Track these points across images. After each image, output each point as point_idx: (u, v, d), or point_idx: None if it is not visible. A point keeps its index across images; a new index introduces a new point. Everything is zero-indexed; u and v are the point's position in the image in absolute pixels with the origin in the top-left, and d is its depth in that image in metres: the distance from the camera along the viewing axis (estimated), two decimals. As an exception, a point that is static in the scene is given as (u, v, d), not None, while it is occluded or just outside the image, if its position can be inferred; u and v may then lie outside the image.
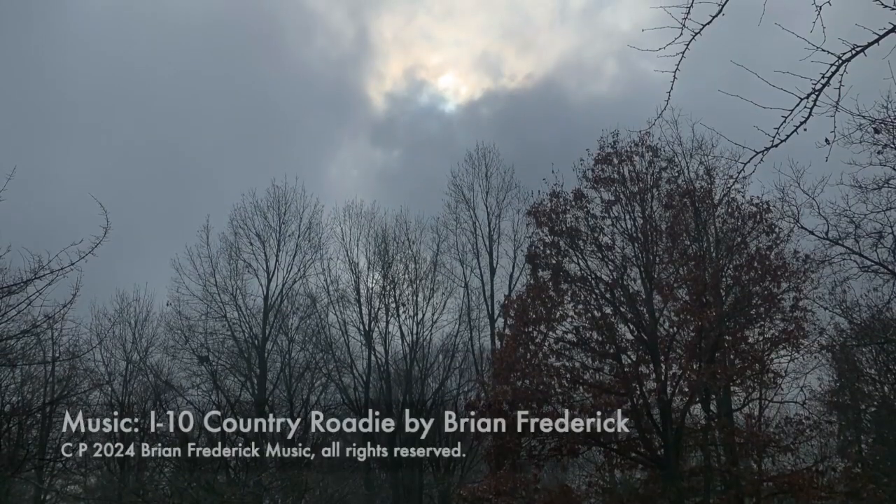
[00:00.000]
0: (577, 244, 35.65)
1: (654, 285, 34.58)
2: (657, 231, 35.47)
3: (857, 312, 35.20)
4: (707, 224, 36.45)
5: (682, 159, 37.98)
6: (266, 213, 52.52)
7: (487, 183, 53.86)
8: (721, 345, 34.17)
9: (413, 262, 52.68)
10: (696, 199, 36.07)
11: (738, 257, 35.68)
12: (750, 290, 34.89)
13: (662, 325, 34.79)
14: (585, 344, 34.63)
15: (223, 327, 50.17)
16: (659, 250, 35.30)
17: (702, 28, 11.77)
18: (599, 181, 36.28)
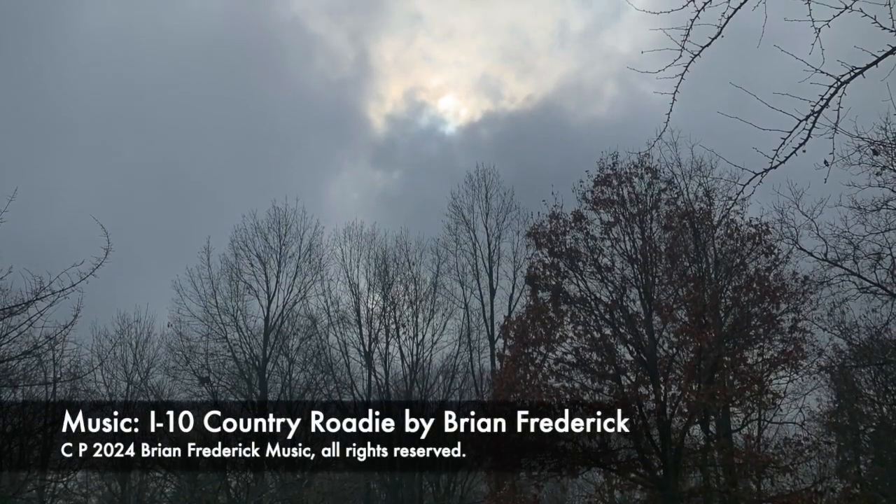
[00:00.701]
0: (576, 265, 35.63)
1: (653, 306, 34.53)
2: (656, 252, 35.46)
3: (855, 333, 35.23)
4: (706, 245, 36.46)
5: (682, 181, 38.09)
6: (267, 235, 52.57)
7: (487, 204, 53.95)
8: (720, 366, 34.11)
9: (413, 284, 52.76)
10: (696, 220, 36.08)
11: (737, 278, 35.68)
12: (749, 311, 34.86)
13: (662, 346, 34.74)
14: (585, 365, 34.56)
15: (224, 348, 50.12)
16: (658, 271, 35.28)
17: (701, 50, 11.78)
18: (599, 203, 36.29)
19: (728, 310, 35.37)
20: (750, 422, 36.20)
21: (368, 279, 52.77)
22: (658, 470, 33.48)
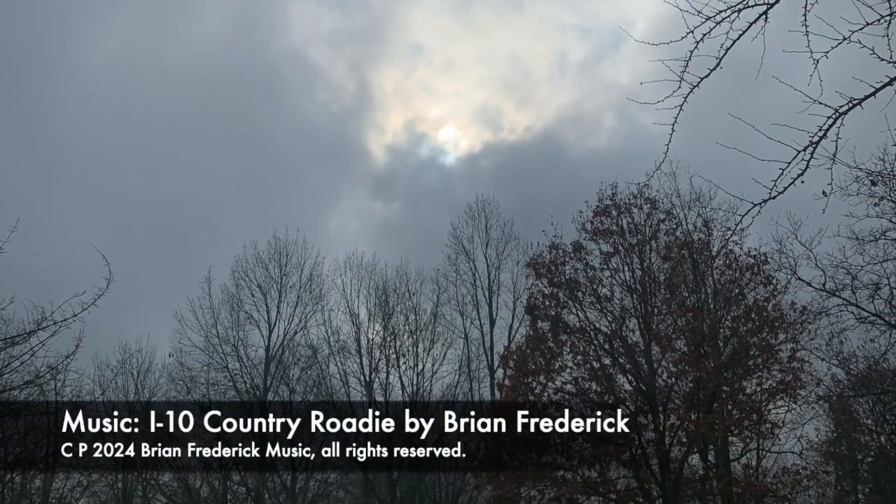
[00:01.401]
0: (576, 295, 35.64)
1: (652, 336, 34.51)
2: (655, 282, 35.48)
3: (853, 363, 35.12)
4: (705, 275, 36.46)
5: (681, 211, 38.11)
6: (267, 265, 52.50)
7: (487, 235, 53.90)
8: (719, 395, 34.07)
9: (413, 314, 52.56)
10: (695, 250, 36.11)
11: (735, 308, 35.69)
12: (748, 341, 34.85)
13: (661, 376, 34.70)
14: (584, 394, 34.52)
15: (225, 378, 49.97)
16: (657, 302, 35.28)
17: (700, 81, 11.77)
18: (598, 233, 36.33)
19: (727, 340, 35.35)
20: (749, 451, 36.09)
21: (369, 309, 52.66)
22: (657, 499, 33.40)
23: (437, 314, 52.71)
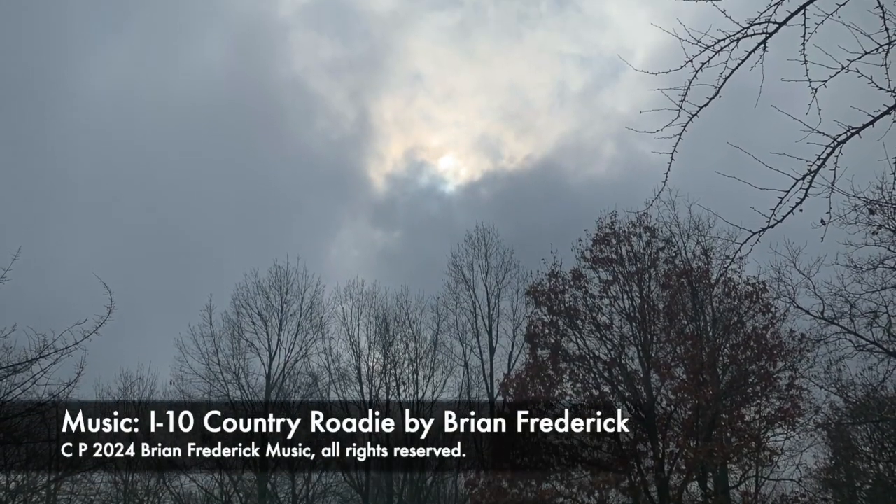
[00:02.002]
0: (575, 323, 35.61)
1: (651, 364, 34.46)
2: (655, 310, 35.46)
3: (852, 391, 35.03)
4: (704, 304, 36.44)
5: (680, 239, 38.09)
6: (268, 293, 52.50)
7: (487, 263, 53.87)
8: (718, 423, 33.97)
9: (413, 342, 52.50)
10: (693, 279, 36.10)
11: (734, 336, 35.64)
12: (746, 368, 34.81)
13: (660, 404, 34.64)
14: (584, 422, 34.42)
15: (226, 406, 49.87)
16: (656, 329, 35.24)
17: (699, 110, 11.76)
18: (598, 261, 36.35)
19: (726, 367, 35.30)
20: (747, 478, 35.94)
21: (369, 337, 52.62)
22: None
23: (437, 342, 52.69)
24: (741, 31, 11.28)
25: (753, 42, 11.33)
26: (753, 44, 11.33)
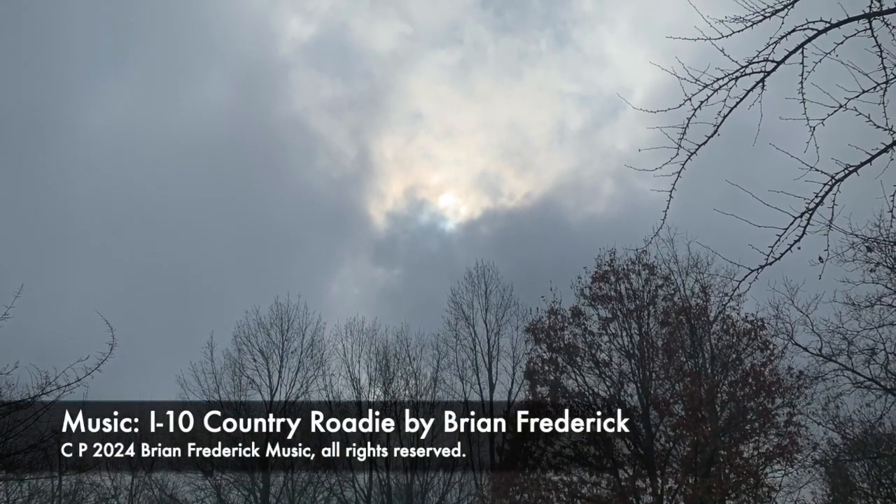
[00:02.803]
0: (574, 360, 35.59)
1: (650, 401, 34.41)
2: (654, 347, 35.44)
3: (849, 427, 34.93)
4: (702, 341, 36.39)
5: (679, 277, 38.06)
6: (269, 330, 52.46)
7: (487, 300, 53.73)
8: (716, 459, 33.88)
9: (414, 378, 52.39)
10: (692, 316, 36.07)
11: (733, 373, 35.58)
12: (745, 405, 34.74)
13: (659, 440, 34.58)
14: (583, 458, 34.36)
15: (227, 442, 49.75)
16: (655, 366, 35.22)
17: (697, 148, 11.75)
18: (597, 298, 36.37)
19: (724, 404, 35.23)
20: (746, 515, 35.86)
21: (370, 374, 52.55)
22: (657, 563, 33.18)
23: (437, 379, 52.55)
24: (739, 69, 11.28)
25: (752, 80, 11.34)
26: (752, 82, 11.34)
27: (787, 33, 10.96)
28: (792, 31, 10.92)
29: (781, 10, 10.89)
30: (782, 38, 10.99)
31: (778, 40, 11.01)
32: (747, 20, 11.09)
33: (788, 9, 10.87)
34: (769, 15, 10.96)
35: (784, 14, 10.89)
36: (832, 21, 10.69)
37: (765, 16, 10.99)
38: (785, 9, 10.88)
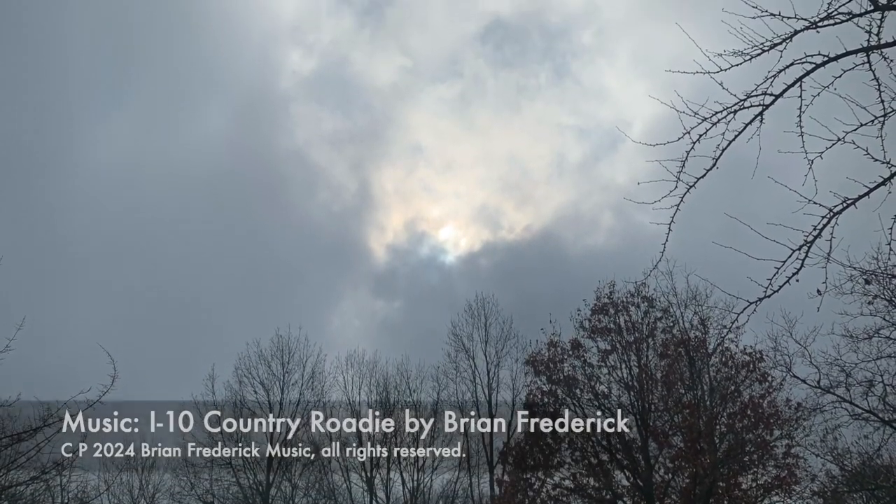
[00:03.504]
0: (574, 392, 35.55)
1: (649, 433, 34.34)
2: (653, 379, 35.40)
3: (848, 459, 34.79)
4: (701, 373, 36.34)
5: (677, 309, 38.03)
6: (270, 362, 52.45)
7: (487, 333, 53.71)
8: (715, 491, 33.77)
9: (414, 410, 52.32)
10: (691, 348, 36.04)
11: (731, 405, 35.51)
12: (743, 437, 34.66)
13: (658, 472, 34.49)
14: (582, 490, 34.29)
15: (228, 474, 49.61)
16: (654, 398, 35.17)
17: (696, 181, 11.75)
18: (596, 331, 36.36)
19: (723, 436, 35.15)
20: (745, 546, 35.73)
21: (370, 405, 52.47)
22: None
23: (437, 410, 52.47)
24: (738, 103, 11.28)
25: (750, 114, 11.34)
26: (750, 115, 11.34)
27: (785, 67, 10.98)
28: (790, 64, 10.94)
29: (780, 44, 10.91)
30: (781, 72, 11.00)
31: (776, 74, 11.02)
32: (746, 54, 11.10)
33: (787, 42, 10.88)
34: (767, 49, 10.98)
35: (782, 48, 10.91)
36: (830, 55, 10.70)
37: (763, 49, 11.00)
38: (783, 42, 10.89)
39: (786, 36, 10.87)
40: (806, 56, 10.83)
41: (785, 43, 10.89)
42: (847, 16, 10.54)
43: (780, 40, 10.91)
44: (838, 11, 10.55)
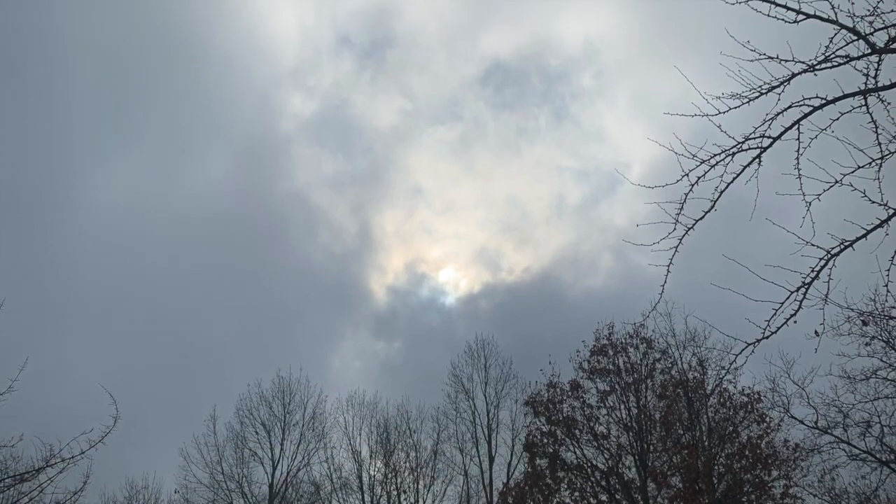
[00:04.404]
0: (573, 433, 35.46)
1: (648, 473, 34.24)
2: (651, 420, 35.33)
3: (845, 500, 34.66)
4: (700, 413, 36.25)
5: (676, 350, 37.98)
6: (271, 403, 52.41)
7: (486, 374, 53.62)
8: (714, 531, 33.65)
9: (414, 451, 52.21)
10: (690, 389, 35.98)
11: (729, 446, 35.41)
12: (741, 477, 34.53)
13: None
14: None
15: (231, 513, 49.51)
16: (653, 439, 35.07)
17: (695, 223, 11.76)
18: (595, 372, 36.32)
19: (721, 476, 35.01)
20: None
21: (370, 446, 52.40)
22: None
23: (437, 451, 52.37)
24: (736, 145, 11.30)
25: (748, 156, 11.36)
26: (748, 158, 11.36)
27: (783, 109, 11.00)
28: (788, 107, 10.95)
29: (778, 87, 10.93)
30: (779, 115, 11.02)
31: (774, 116, 11.04)
32: (744, 97, 11.13)
33: (785, 85, 10.90)
34: (766, 91, 11.00)
35: (780, 91, 10.93)
36: (828, 98, 10.71)
37: (761, 92, 11.02)
38: (781, 85, 10.91)
39: (784, 79, 10.90)
40: (804, 99, 10.85)
41: (783, 86, 10.91)
42: (845, 59, 10.56)
43: (778, 83, 10.93)
44: (836, 55, 10.58)
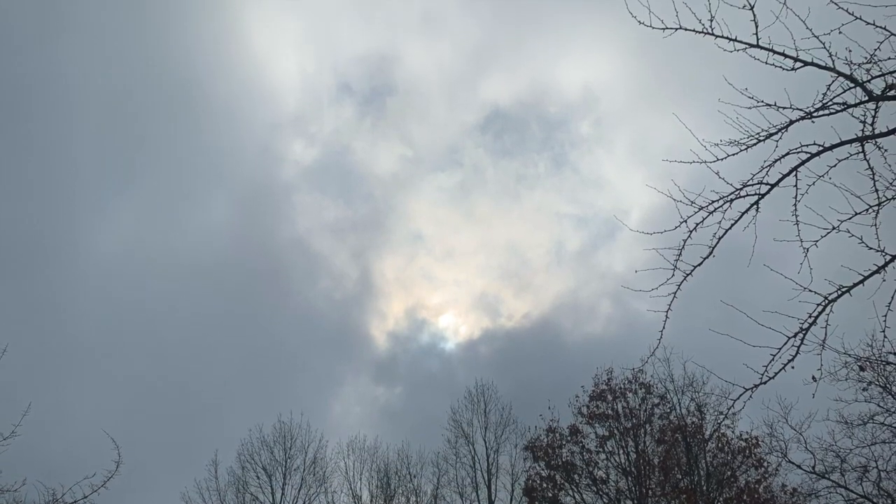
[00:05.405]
0: (572, 478, 35.38)
1: (647, 518, 34.13)
2: (650, 465, 35.24)
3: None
4: (698, 458, 36.17)
5: (675, 396, 37.96)
6: (272, 448, 52.25)
7: (486, 419, 53.47)
8: (713, 576, 33.51)
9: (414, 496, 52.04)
10: (688, 434, 35.92)
11: (728, 490, 35.31)
12: (740, 522, 34.42)
13: (656, 557, 34.24)
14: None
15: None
16: (652, 484, 34.97)
17: (693, 269, 11.75)
18: (594, 417, 36.28)
19: (720, 521, 34.93)
20: None
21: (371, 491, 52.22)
22: None
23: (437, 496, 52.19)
24: (734, 192, 11.30)
25: (746, 203, 11.36)
26: (746, 204, 11.35)
27: (781, 156, 11.00)
28: (786, 154, 10.95)
29: (775, 134, 10.94)
30: (776, 161, 11.03)
31: (772, 163, 11.04)
32: (742, 143, 11.13)
33: (782, 132, 10.91)
34: (763, 138, 11.01)
35: (778, 138, 10.94)
36: (826, 144, 10.71)
37: (759, 139, 11.03)
38: (779, 132, 10.91)
39: (781, 126, 10.91)
40: (801, 146, 10.85)
41: (781, 133, 10.92)
42: (842, 106, 10.57)
43: (775, 130, 10.94)
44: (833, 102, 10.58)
